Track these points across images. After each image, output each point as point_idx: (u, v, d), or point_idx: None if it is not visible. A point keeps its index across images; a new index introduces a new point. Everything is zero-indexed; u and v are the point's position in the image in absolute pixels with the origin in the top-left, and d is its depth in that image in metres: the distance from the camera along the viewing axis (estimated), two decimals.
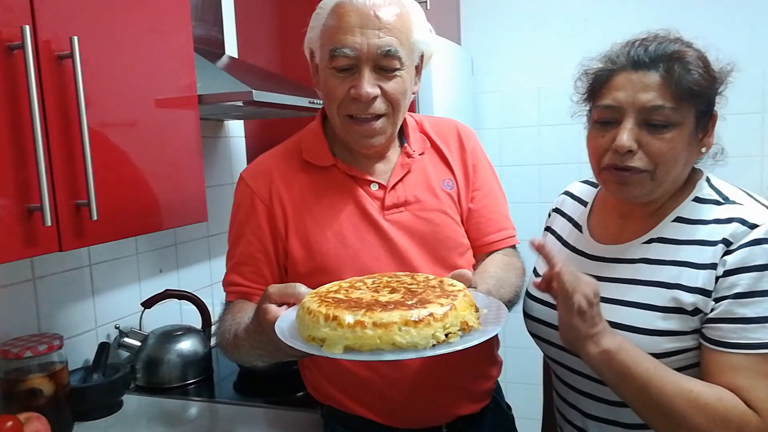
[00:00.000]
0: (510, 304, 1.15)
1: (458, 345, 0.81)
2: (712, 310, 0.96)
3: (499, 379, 1.30)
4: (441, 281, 0.95)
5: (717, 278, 0.96)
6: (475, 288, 0.99)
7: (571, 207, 1.25)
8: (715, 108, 1.04)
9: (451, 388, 1.17)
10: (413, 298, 0.87)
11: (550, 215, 1.30)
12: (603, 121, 1.04)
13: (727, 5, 2.44)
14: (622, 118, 1.00)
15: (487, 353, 1.25)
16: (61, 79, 1.04)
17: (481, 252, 1.24)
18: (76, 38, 1.03)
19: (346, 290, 0.93)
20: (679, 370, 0.97)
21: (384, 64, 1.09)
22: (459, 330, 0.82)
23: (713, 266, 0.97)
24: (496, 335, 0.90)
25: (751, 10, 2.43)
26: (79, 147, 1.06)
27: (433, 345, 0.80)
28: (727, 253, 0.96)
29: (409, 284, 0.94)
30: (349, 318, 0.80)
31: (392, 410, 1.16)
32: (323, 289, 0.94)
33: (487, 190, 1.26)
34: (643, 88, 0.98)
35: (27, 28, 0.95)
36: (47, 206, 0.98)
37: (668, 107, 0.97)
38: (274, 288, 0.95)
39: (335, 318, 0.81)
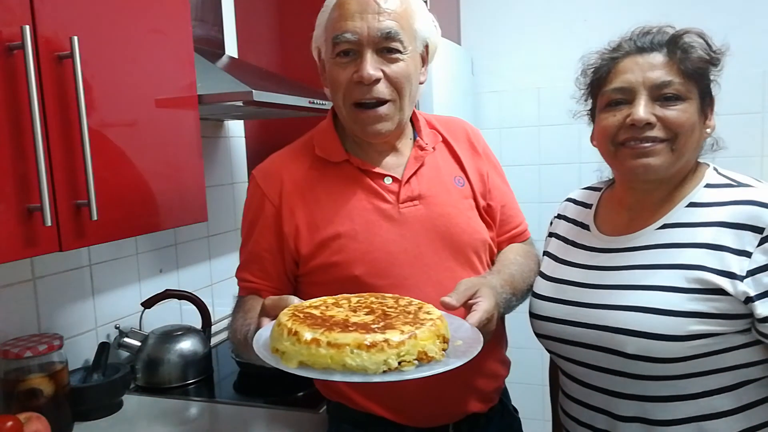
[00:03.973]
0: (529, 291, 1.20)
1: (408, 375, 0.80)
2: (749, 299, 0.95)
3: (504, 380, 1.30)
4: (420, 307, 0.94)
5: (759, 268, 0.96)
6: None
7: (574, 211, 1.25)
8: (713, 93, 1.07)
9: (461, 386, 1.17)
10: (382, 321, 0.87)
11: (552, 222, 1.31)
12: (613, 103, 1.06)
13: (726, 5, 2.43)
14: (634, 98, 1.04)
15: (497, 352, 1.26)
16: (61, 79, 1.04)
17: (505, 246, 1.29)
18: (76, 38, 1.03)
19: (327, 307, 0.94)
20: (702, 356, 0.97)
21: (385, 46, 1.10)
22: (416, 359, 0.82)
23: (744, 253, 0.97)
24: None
25: (750, 9, 2.43)
26: (79, 147, 1.06)
27: (384, 371, 0.80)
28: (765, 240, 0.96)
29: (388, 307, 0.94)
30: (307, 335, 0.82)
31: (402, 406, 1.16)
32: (306, 303, 0.95)
33: (505, 188, 1.31)
34: (651, 67, 1.03)
35: (27, 28, 0.95)
36: (47, 206, 0.98)
37: (677, 82, 1.02)
38: (269, 301, 0.97)
39: (296, 333, 0.83)
